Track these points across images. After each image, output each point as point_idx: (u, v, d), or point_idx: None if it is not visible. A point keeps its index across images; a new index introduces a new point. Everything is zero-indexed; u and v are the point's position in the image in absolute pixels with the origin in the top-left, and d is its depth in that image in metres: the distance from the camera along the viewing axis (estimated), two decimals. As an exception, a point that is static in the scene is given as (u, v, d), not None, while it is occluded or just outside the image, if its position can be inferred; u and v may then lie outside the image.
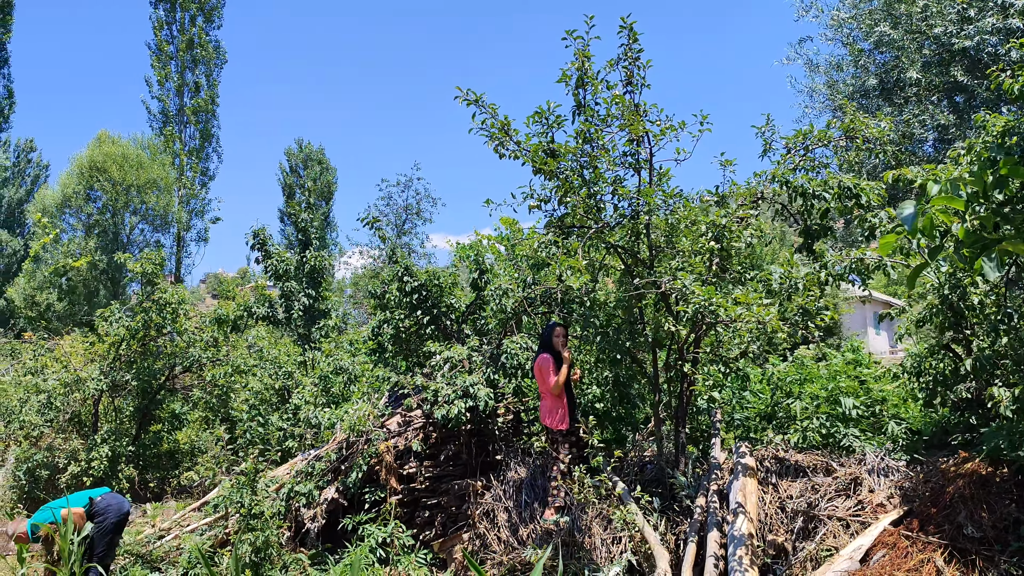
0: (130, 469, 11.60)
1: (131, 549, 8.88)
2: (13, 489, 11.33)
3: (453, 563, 8.17)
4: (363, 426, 8.88)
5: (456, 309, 9.78)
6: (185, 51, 37.34)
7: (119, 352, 11.92)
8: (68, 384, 11.71)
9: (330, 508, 8.90)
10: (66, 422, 12.05)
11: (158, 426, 12.48)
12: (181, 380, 12.93)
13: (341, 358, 10.65)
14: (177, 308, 11.82)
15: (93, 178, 27.21)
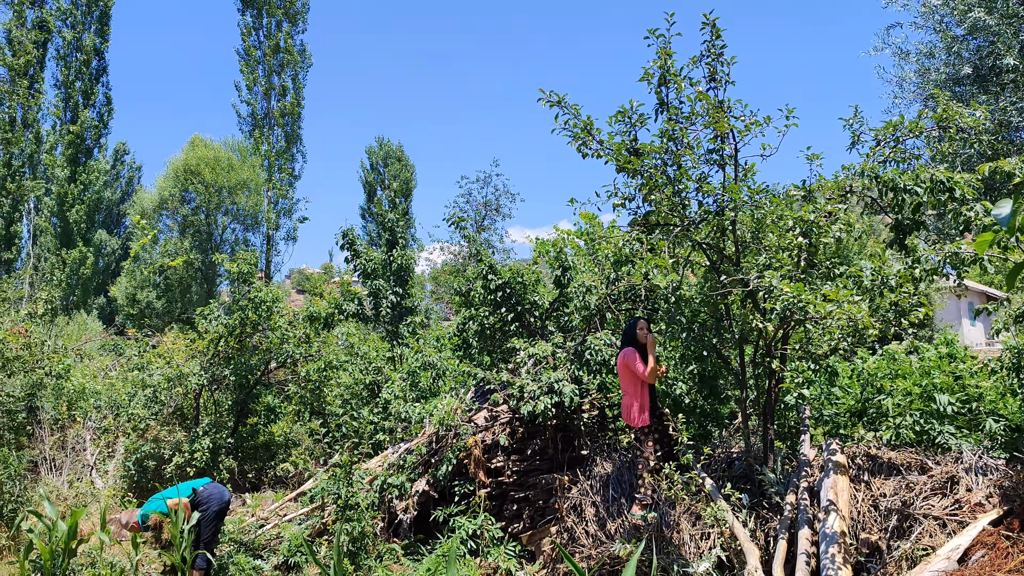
0: (230, 460, 12.13)
1: (234, 537, 9.32)
2: (124, 478, 11.99)
3: (542, 556, 8.33)
4: (452, 420, 9.11)
5: (539, 306, 9.92)
6: (271, 55, 38.51)
7: (218, 348, 12.46)
8: (171, 379, 12.32)
9: (421, 500, 9.17)
10: (170, 415, 12.67)
11: (254, 419, 13.00)
12: (275, 375, 13.43)
13: (429, 354, 10.92)
14: (272, 306, 12.29)
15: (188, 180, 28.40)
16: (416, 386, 11.01)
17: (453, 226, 9.71)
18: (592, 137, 7.62)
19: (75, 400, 14.07)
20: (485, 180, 22.96)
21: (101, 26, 38.76)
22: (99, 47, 38.57)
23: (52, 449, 12.82)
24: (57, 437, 13.25)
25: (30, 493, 11.00)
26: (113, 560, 8.98)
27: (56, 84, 37.72)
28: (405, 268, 13.31)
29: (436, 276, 28.64)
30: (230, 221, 30.01)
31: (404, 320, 13.32)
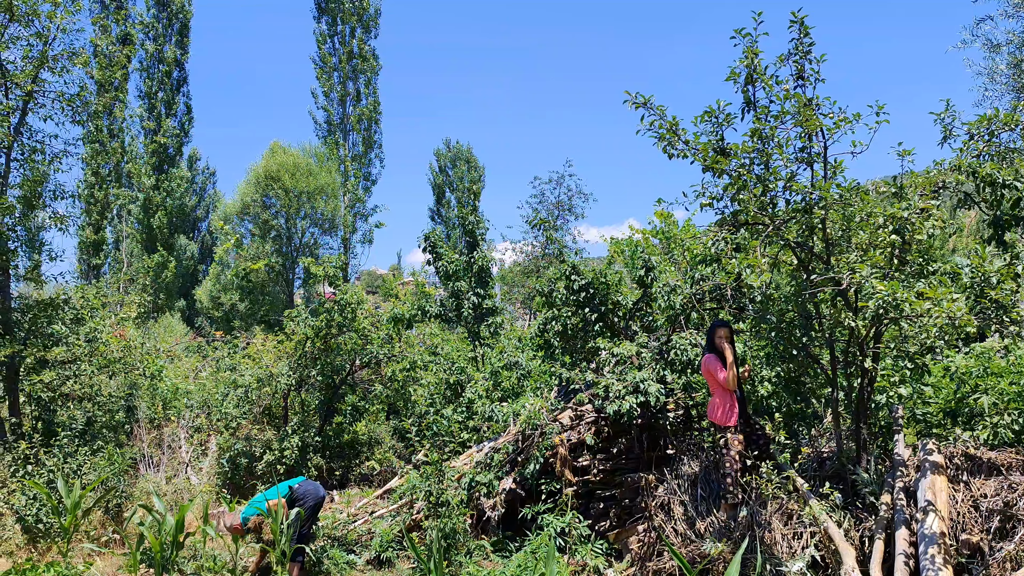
0: (317, 458, 12.51)
1: (328, 532, 9.63)
2: (218, 475, 12.47)
3: (629, 554, 8.39)
4: (538, 419, 9.25)
5: (623, 306, 9.98)
6: (346, 62, 39.34)
7: (305, 350, 12.85)
8: (262, 379, 12.76)
9: (508, 498, 9.33)
10: (260, 414, 13.13)
11: (340, 419, 13.37)
12: (360, 375, 13.78)
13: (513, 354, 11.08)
14: (356, 308, 12.63)
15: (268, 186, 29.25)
16: (499, 386, 11.18)
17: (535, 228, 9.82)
18: (678, 137, 7.66)
19: (169, 400, 14.67)
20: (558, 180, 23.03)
21: (181, 38, 40.12)
22: (179, 58, 39.95)
23: (149, 447, 13.39)
24: (154, 436, 13.83)
25: (132, 489, 11.53)
26: (215, 554, 9.37)
27: (140, 95, 39.25)
28: (485, 270, 13.52)
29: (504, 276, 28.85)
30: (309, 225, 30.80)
31: (485, 321, 13.53)
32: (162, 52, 39.28)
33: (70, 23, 12.99)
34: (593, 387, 9.13)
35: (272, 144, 30.73)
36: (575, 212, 24.29)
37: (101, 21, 34.16)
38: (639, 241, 15.69)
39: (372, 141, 39.54)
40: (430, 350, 12.93)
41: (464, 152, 48.87)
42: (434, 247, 13.61)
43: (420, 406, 11.91)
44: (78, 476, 10.55)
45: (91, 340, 12.43)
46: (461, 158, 48.71)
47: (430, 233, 13.57)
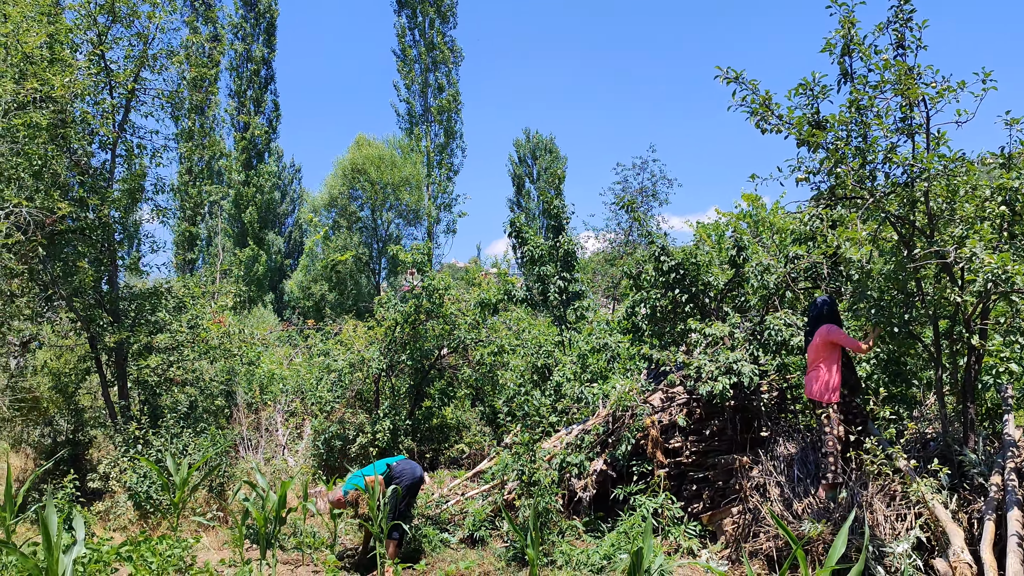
0: (408, 441, 12.75)
1: (422, 511, 9.82)
2: (313, 457, 12.85)
3: (724, 535, 8.31)
4: (628, 401, 9.22)
5: (714, 287, 9.85)
6: (426, 54, 39.85)
7: (394, 336, 13.10)
8: (354, 364, 13.07)
9: (599, 479, 9.34)
10: (352, 398, 13.45)
11: (429, 403, 13.58)
12: (447, 360, 13.97)
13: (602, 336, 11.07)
14: (444, 294, 12.80)
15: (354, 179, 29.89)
16: (587, 369, 11.18)
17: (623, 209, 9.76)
18: (771, 112, 7.52)
19: (266, 385, 15.17)
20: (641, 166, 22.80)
21: (268, 37, 41.23)
22: (267, 57, 41.05)
23: (248, 430, 13.89)
24: (252, 419, 14.33)
25: (233, 469, 11.99)
26: (315, 531, 9.68)
27: (230, 93, 40.51)
28: (571, 254, 13.52)
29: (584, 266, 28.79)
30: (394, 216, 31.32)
31: (571, 305, 13.54)
32: (250, 51, 40.44)
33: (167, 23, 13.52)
34: (684, 368, 9.05)
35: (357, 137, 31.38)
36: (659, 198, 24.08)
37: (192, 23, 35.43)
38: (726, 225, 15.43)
39: (453, 131, 39.95)
40: (516, 334, 13.03)
41: (545, 142, 48.81)
42: (519, 232, 13.68)
43: (509, 389, 12.01)
44: (184, 456, 11.01)
45: (192, 327, 12.95)
46: (542, 148, 48.66)
47: (515, 218, 13.65)
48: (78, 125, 11.99)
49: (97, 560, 7.80)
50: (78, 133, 12.05)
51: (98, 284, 12.42)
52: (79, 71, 11.30)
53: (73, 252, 12.27)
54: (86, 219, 12.34)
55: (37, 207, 11.00)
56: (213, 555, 8.99)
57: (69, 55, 11.50)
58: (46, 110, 11.19)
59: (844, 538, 4.15)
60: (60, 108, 11.33)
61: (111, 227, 12.54)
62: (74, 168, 12.26)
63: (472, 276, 26.66)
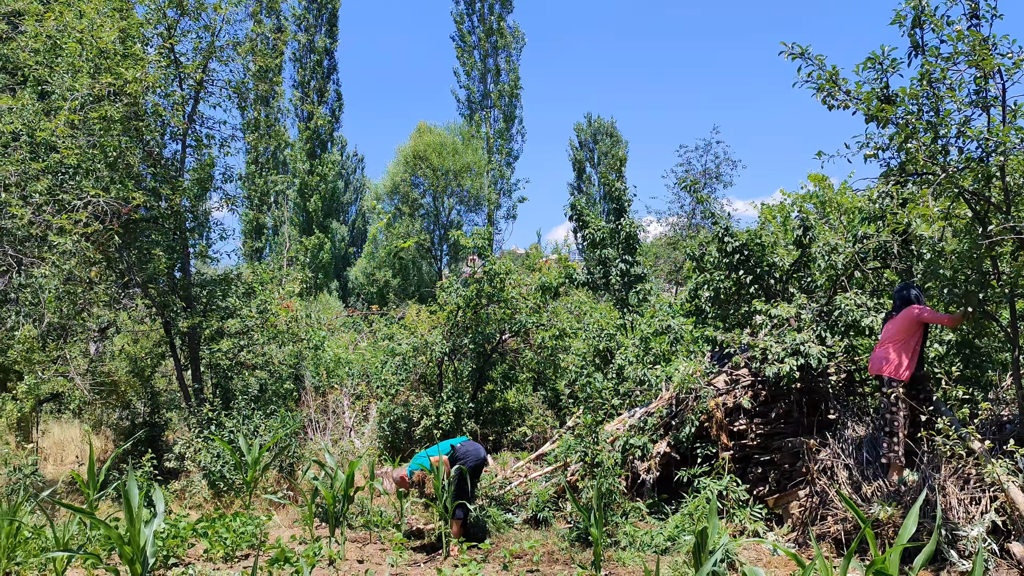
0: (471, 424, 12.90)
1: (486, 492, 9.93)
2: (379, 439, 13.08)
3: (790, 519, 8.21)
4: (692, 383, 9.16)
5: (779, 267, 9.69)
6: (485, 39, 39.96)
7: (456, 320, 13.24)
8: (417, 348, 13.26)
9: (663, 462, 9.31)
10: (416, 381, 13.64)
11: (491, 386, 13.70)
12: (509, 344, 14.06)
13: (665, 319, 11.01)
14: (505, 278, 12.87)
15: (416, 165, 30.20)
16: (649, 351, 11.13)
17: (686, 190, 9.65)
18: (838, 87, 7.36)
19: (332, 369, 15.47)
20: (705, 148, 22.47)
21: (330, 27, 41.79)
22: (329, 47, 41.60)
23: (316, 412, 14.20)
24: (319, 402, 14.64)
25: (302, 450, 12.28)
26: (381, 510, 9.87)
27: (293, 84, 41.20)
28: (633, 236, 13.45)
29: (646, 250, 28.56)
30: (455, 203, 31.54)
31: (633, 288, 13.48)
32: (313, 42, 41.03)
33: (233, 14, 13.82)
34: (749, 350, 8.95)
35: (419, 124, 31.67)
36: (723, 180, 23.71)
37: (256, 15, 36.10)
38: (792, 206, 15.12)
39: (513, 116, 40.01)
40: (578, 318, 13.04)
41: (606, 126, 48.39)
42: (580, 215, 13.66)
43: (571, 372, 12.03)
44: (255, 437, 11.32)
45: (261, 312, 13.28)
46: (603, 132, 48.26)
47: (576, 201, 13.63)
48: (150, 117, 12.36)
49: (175, 535, 8.12)
50: (150, 125, 12.41)
51: (171, 271, 12.82)
52: (150, 64, 11.62)
53: (147, 240, 12.67)
54: (159, 208, 12.73)
55: (113, 197, 11.39)
56: (284, 532, 9.24)
57: (140, 49, 11.82)
58: (119, 103, 11.56)
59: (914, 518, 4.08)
60: (133, 101, 11.69)
61: (183, 216, 12.91)
62: (147, 159, 12.64)
63: (531, 261, 26.73)
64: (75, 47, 11.33)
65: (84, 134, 11.36)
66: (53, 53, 11.52)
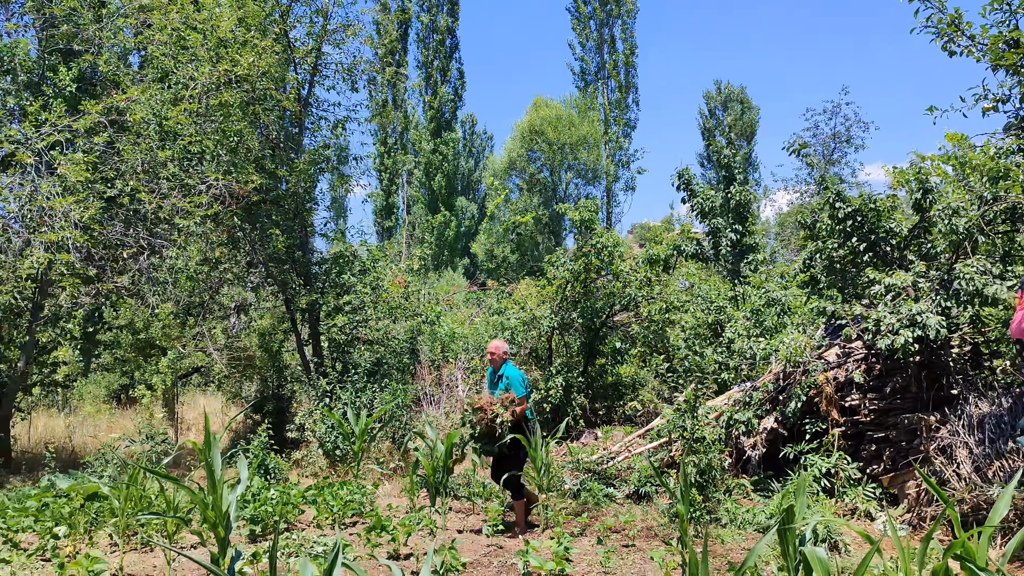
0: (581, 398, 12.84)
1: (588, 467, 9.87)
2: (492, 412, 13.23)
3: (906, 499, 7.75)
4: (799, 357, 8.76)
5: (896, 234, 9.09)
6: (600, 9, 39.39)
7: (565, 293, 13.18)
8: (526, 323, 13.30)
9: (769, 437, 8.97)
10: (526, 355, 13.70)
11: (602, 360, 13.58)
12: (619, 318, 13.89)
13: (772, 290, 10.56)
14: (613, 251, 12.69)
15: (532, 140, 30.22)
16: (760, 324, 10.72)
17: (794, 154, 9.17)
18: (960, 32, 6.78)
19: (447, 343, 15.75)
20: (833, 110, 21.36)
21: (452, 6, 42.24)
22: (451, 26, 42.10)
23: (431, 386, 14.51)
24: (434, 375, 14.95)
25: (415, 422, 12.59)
26: (485, 481, 9.99)
27: (417, 65, 41.99)
28: (744, 205, 12.94)
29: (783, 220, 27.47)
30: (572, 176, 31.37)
31: (745, 258, 13.00)
32: (435, 22, 41.61)
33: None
34: (862, 322, 8.45)
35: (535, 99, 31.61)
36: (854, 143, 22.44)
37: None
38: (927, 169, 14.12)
39: (629, 85, 39.35)
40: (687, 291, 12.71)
41: (736, 93, 46.75)
42: (688, 184, 13.26)
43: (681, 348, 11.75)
44: (368, 409, 11.69)
45: (374, 288, 13.65)
46: (734, 99, 46.69)
47: (683, 171, 13.23)
48: (267, 102, 12.85)
49: (286, 502, 8.50)
50: (267, 109, 12.91)
51: (291, 250, 13.36)
52: (266, 50, 12.06)
53: (267, 221, 13.25)
54: (277, 190, 13.28)
55: (233, 180, 11.96)
56: (394, 501, 9.52)
57: (257, 36, 12.29)
58: (238, 89, 12.08)
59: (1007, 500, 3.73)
60: (250, 87, 12.20)
61: (300, 196, 13.42)
62: (265, 143, 13.18)
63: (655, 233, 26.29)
64: (197, 37, 11.91)
65: (206, 120, 11.96)
66: (178, 45, 12.15)
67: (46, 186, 10.49)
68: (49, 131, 10.93)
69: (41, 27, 12.25)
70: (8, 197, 10.47)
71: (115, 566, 6.42)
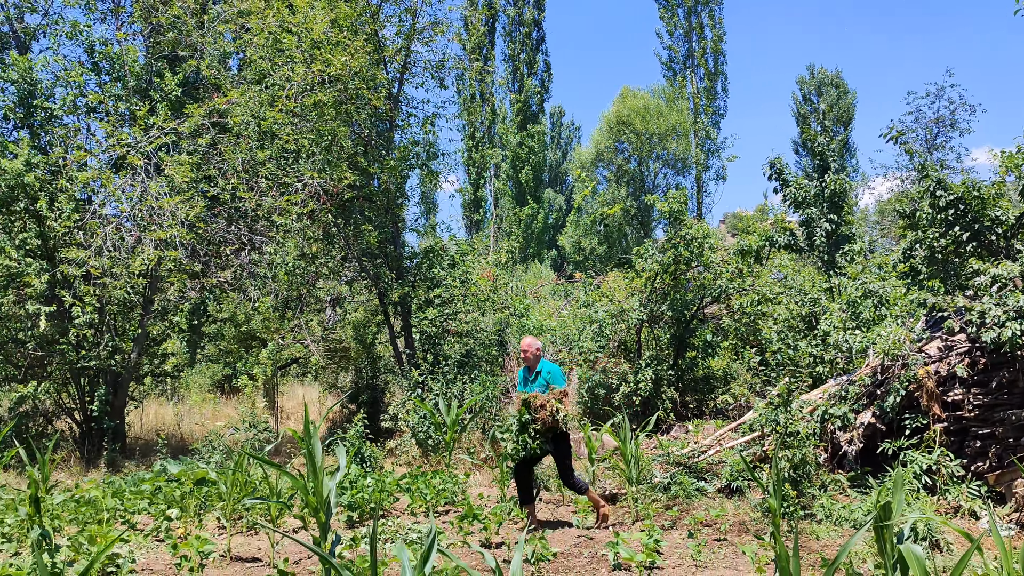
0: (671, 391, 12.76)
1: (678, 460, 9.82)
2: (579, 404, 13.30)
3: (1013, 498, 7.45)
4: (898, 350, 8.51)
5: (1003, 222, 8.72)
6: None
7: (654, 286, 13.10)
8: (615, 315, 13.29)
9: (867, 432, 8.75)
10: (615, 348, 13.68)
11: (692, 353, 13.45)
12: (711, 310, 13.72)
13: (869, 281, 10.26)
14: (703, 242, 12.54)
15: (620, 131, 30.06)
16: (857, 316, 10.43)
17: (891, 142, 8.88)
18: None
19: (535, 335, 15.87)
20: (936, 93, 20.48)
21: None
22: (537, 18, 42.16)
23: (520, 377, 14.65)
24: (523, 368, 15.09)
25: (505, 413, 12.75)
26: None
27: (504, 59, 42.21)
28: (839, 194, 12.58)
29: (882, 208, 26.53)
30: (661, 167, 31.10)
31: (841, 249, 12.65)
32: (522, 15, 41.74)
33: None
34: (965, 314, 8.15)
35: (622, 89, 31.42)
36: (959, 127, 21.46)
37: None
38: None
39: (718, 73, 38.68)
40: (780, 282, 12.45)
41: (831, 77, 45.29)
42: (780, 174, 12.97)
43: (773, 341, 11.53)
44: (458, 400, 11.91)
45: (463, 282, 13.87)
46: (828, 83, 45.25)
47: (775, 160, 12.95)
48: (358, 100, 13.19)
49: (381, 489, 8.76)
50: (359, 108, 13.26)
51: (383, 245, 13.70)
52: (357, 50, 12.39)
53: (360, 217, 13.62)
54: (370, 186, 13.64)
55: (328, 178, 12.34)
56: (484, 491, 9.69)
57: (349, 37, 12.62)
58: (331, 89, 12.46)
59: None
60: (343, 87, 12.55)
61: (391, 192, 13.74)
62: (357, 141, 13.54)
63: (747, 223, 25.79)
64: (292, 40, 12.33)
65: (301, 120, 12.37)
66: (274, 48, 12.59)
67: (155, 186, 11.06)
68: (157, 134, 11.51)
69: (148, 35, 12.87)
70: (121, 198, 11.08)
71: (223, 547, 6.77)
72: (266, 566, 6.46)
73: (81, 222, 11.12)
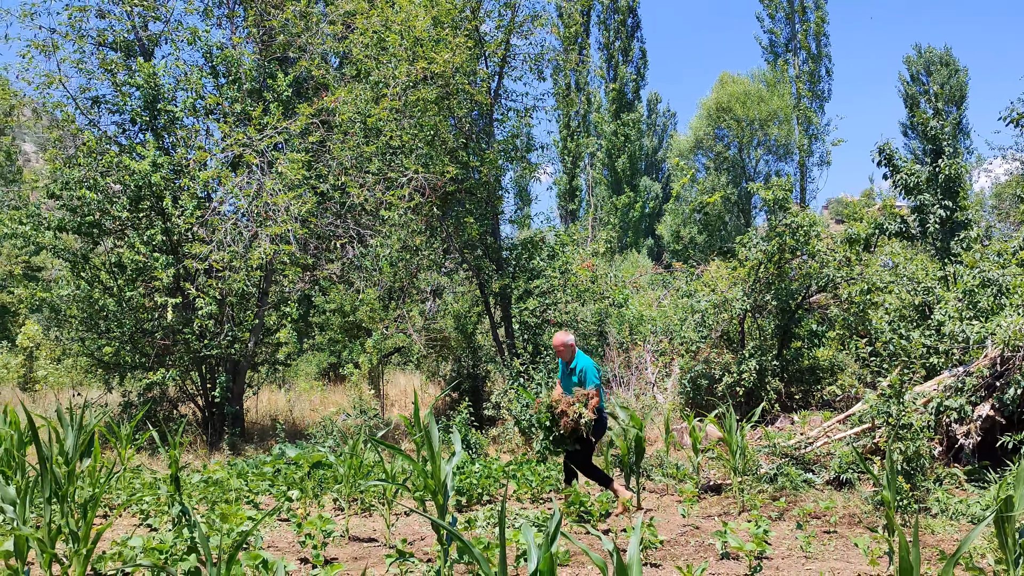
0: (776, 382, 12.56)
1: (784, 451, 9.70)
2: (680, 395, 13.25)
3: None
4: (1020, 340, 8.19)
5: None
6: (792, -23, 37.79)
7: (758, 275, 12.91)
8: (717, 305, 13.16)
9: (985, 425, 8.47)
10: (717, 338, 13.56)
11: (798, 343, 13.20)
12: (817, 300, 13.43)
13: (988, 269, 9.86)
14: (808, 230, 12.28)
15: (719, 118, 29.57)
16: (975, 306, 10.04)
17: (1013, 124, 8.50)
18: None
19: (635, 326, 15.86)
20: (1057, 69, 19.37)
21: (586, -16, 41.95)
22: (632, 5, 41.76)
23: (620, 368, 14.69)
24: (623, 358, 15.11)
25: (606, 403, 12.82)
26: (678, 463, 10.08)
27: (599, 47, 42.02)
28: (954, 179, 12.08)
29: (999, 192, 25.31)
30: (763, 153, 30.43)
31: (956, 236, 12.17)
32: (616, 2, 41.43)
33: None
34: (1094, 303, 7.79)
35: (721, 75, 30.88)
36: (1084, 105, 20.22)
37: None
38: None
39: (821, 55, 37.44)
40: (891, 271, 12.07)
41: (940, 55, 43.33)
42: (890, 159, 12.55)
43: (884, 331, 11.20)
44: (559, 389, 12.05)
45: (563, 272, 13.99)
46: (937, 62, 43.29)
47: (884, 146, 12.53)
48: (459, 95, 13.44)
49: (488, 475, 9.00)
50: (460, 103, 13.52)
51: (483, 236, 13.94)
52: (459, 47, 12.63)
53: (462, 210, 13.90)
54: (470, 179, 13.89)
55: (431, 172, 12.65)
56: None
57: (450, 34, 12.88)
58: (433, 85, 12.75)
59: None
60: (445, 83, 12.83)
61: (492, 185, 13.97)
62: (459, 135, 13.81)
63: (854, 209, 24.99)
64: (395, 38, 12.66)
65: (405, 116, 12.72)
66: (378, 47, 12.97)
67: (270, 183, 11.58)
68: (270, 133, 12.04)
69: (260, 38, 13.44)
70: (239, 195, 11.65)
71: (341, 527, 7.11)
72: (382, 546, 6.75)
73: (202, 218, 11.76)
